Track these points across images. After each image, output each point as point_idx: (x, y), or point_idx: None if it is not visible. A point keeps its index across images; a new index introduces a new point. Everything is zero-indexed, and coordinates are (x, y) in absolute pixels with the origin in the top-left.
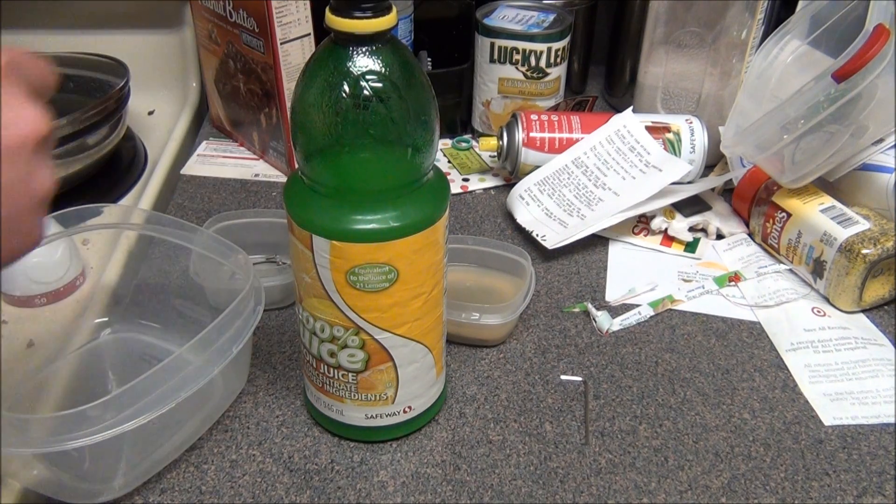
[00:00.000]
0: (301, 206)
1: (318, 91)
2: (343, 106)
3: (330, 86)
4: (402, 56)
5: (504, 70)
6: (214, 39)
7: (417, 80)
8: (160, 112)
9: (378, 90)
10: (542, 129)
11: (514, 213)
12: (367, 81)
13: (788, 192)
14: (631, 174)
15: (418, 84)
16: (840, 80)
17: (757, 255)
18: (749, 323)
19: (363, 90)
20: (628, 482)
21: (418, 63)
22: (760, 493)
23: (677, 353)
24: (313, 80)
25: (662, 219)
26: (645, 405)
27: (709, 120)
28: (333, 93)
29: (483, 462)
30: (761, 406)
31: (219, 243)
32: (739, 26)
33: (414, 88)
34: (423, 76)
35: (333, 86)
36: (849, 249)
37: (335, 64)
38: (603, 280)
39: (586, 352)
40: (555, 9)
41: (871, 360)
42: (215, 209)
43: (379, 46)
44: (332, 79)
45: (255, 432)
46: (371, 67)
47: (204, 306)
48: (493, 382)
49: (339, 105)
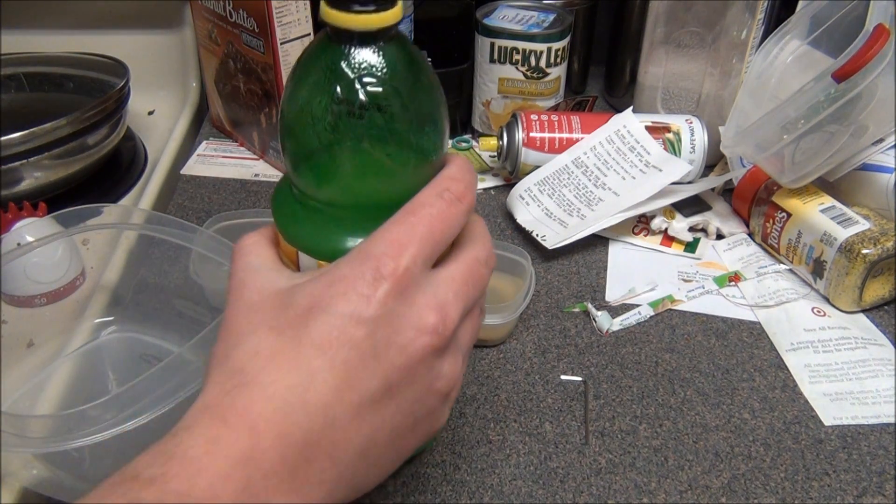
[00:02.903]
0: (288, 217)
1: (308, 93)
2: (336, 113)
3: (322, 89)
4: (407, 56)
5: (504, 70)
6: (214, 39)
7: (425, 82)
8: (160, 112)
9: (377, 96)
10: (542, 129)
11: (514, 213)
12: (364, 86)
13: (788, 192)
14: (631, 174)
15: (426, 87)
16: (840, 80)
17: (757, 255)
18: (749, 323)
19: (360, 96)
20: (628, 482)
21: (426, 62)
22: (760, 493)
23: (677, 353)
24: (304, 80)
25: (662, 219)
26: (645, 405)
27: (709, 120)
28: (326, 97)
29: (483, 462)
30: (761, 406)
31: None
32: (739, 26)
33: (420, 93)
34: (431, 77)
35: (326, 89)
36: (849, 249)
37: (329, 64)
38: (603, 280)
39: (586, 352)
40: (555, 9)
41: (871, 360)
42: (215, 209)
43: (381, 45)
44: (325, 81)
45: None
46: (370, 70)
47: (204, 306)
48: (493, 382)
49: (332, 111)
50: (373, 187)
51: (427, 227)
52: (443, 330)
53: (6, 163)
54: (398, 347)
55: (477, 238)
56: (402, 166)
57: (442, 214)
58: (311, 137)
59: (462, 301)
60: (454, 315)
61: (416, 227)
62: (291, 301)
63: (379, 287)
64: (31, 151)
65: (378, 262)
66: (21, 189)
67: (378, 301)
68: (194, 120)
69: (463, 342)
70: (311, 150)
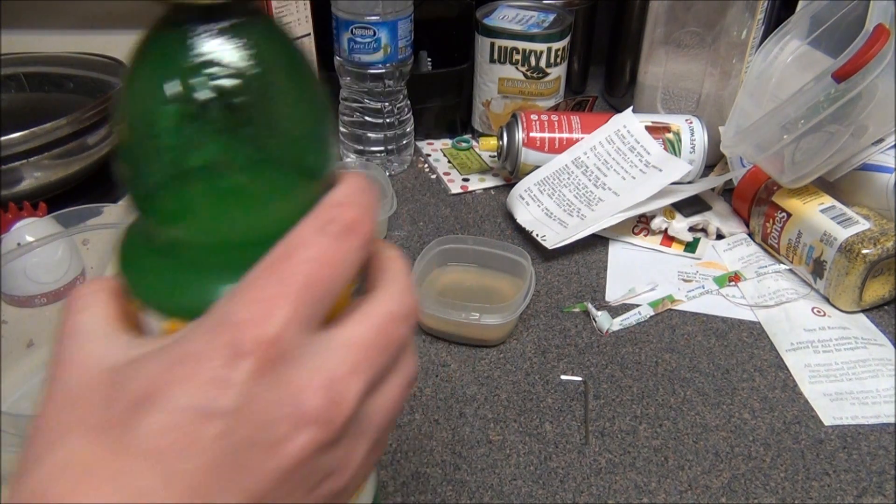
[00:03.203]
0: (131, 258)
1: (140, 95)
2: (176, 117)
3: (156, 87)
4: (270, 37)
5: (504, 70)
6: None
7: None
8: None
9: (229, 92)
10: (542, 129)
11: (514, 213)
12: (211, 79)
13: (788, 192)
14: (631, 174)
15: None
16: (840, 80)
17: (757, 255)
18: (749, 323)
19: (205, 92)
20: (628, 482)
21: (300, 49)
22: (760, 493)
23: (677, 353)
24: (135, 79)
25: (662, 219)
26: (645, 405)
27: (709, 120)
28: (160, 98)
29: (483, 462)
30: (761, 406)
31: None
32: (739, 26)
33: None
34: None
35: (161, 87)
36: (849, 249)
37: (163, 53)
38: (603, 280)
39: (586, 352)
40: (555, 9)
41: (871, 360)
42: None
43: (234, 23)
44: (159, 76)
45: None
46: (218, 56)
47: None
48: (493, 382)
49: (169, 116)
50: (233, 219)
51: (305, 277)
52: (333, 416)
53: (6, 163)
54: (266, 448)
55: (392, 283)
56: (272, 190)
57: (325, 256)
58: (145, 153)
59: (365, 374)
60: (351, 395)
61: (290, 277)
62: (123, 386)
63: (237, 367)
64: (31, 151)
65: (236, 333)
66: (21, 189)
67: (236, 387)
68: None
69: (371, 424)
70: (149, 169)
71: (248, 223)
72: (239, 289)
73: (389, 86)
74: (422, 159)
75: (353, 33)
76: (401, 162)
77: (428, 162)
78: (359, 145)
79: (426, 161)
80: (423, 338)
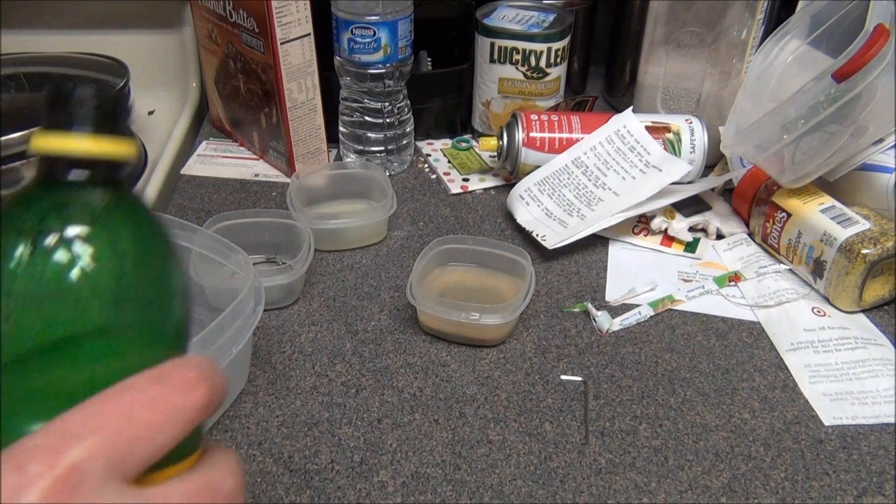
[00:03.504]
0: None
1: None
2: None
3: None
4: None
5: (504, 70)
6: (214, 39)
7: (148, 258)
8: (160, 112)
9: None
10: (542, 129)
11: (514, 213)
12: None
13: (788, 192)
14: (631, 174)
15: (148, 263)
16: (840, 80)
17: (757, 255)
18: (749, 323)
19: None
20: (628, 482)
21: (159, 233)
22: (760, 493)
23: (677, 353)
24: None
25: (662, 219)
26: (645, 405)
27: (709, 120)
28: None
29: (483, 462)
30: (761, 406)
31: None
32: (739, 26)
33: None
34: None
35: (6, 251)
36: (849, 249)
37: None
38: (603, 280)
39: (586, 352)
40: (555, 9)
41: (871, 360)
42: (215, 209)
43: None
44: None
45: (255, 432)
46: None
47: (204, 306)
48: (493, 382)
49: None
50: (46, 366)
51: (126, 416)
52: None
53: (6, 163)
54: None
55: (223, 464)
56: (108, 354)
57: (151, 400)
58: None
59: None
60: None
61: (107, 412)
62: None
63: (24, 495)
64: None
65: (26, 458)
66: None
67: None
68: (194, 120)
69: None
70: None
71: (78, 379)
72: (52, 421)
73: (389, 86)
74: (422, 159)
75: (353, 33)
76: (401, 162)
77: (428, 162)
78: (359, 145)
79: (426, 161)
80: (423, 338)
